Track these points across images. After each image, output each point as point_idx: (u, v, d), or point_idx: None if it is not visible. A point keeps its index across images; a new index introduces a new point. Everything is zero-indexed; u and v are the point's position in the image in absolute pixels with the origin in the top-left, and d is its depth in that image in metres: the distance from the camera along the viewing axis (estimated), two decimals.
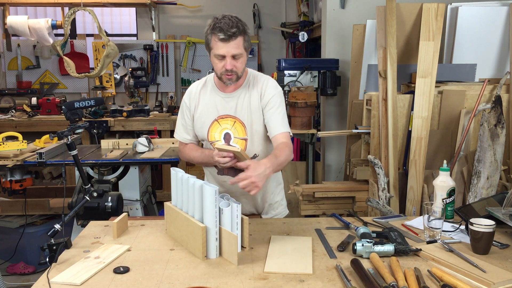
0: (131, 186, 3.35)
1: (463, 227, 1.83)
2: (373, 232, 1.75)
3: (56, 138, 3.42)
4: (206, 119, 2.06)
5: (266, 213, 2.20)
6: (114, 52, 3.98)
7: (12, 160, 3.16)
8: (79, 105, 2.28)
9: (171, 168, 1.86)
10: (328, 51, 3.83)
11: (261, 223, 1.97)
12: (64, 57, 4.05)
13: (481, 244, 1.63)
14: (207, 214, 1.61)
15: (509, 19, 3.06)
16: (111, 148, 3.57)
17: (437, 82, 2.91)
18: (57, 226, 1.69)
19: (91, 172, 3.36)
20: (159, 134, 4.78)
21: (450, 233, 1.82)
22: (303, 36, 4.54)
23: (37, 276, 1.84)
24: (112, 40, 4.07)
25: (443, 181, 1.95)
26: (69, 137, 2.00)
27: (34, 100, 5.18)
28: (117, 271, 1.52)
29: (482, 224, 1.62)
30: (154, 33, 5.71)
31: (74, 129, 2.04)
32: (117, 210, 2.80)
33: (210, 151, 2.00)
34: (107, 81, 5.57)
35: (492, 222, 1.63)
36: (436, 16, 2.93)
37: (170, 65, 5.79)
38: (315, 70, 3.78)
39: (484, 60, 3.16)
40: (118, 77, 5.69)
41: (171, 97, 5.67)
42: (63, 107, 2.25)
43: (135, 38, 5.90)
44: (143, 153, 3.43)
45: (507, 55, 3.09)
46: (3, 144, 3.26)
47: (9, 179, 3.27)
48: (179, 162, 3.40)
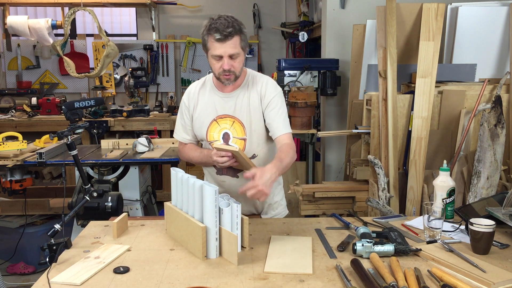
0: (131, 186, 3.35)
1: (463, 227, 1.83)
2: (373, 232, 1.75)
3: (56, 138, 3.42)
4: (205, 119, 2.06)
5: (266, 213, 2.20)
6: (114, 52, 3.98)
7: (12, 160, 3.16)
8: (79, 105, 2.28)
9: (171, 168, 1.86)
10: (328, 51, 3.83)
11: (261, 223, 1.97)
12: (64, 57, 4.05)
13: (481, 244, 1.63)
14: (207, 214, 1.61)
15: (509, 19, 3.06)
16: (111, 148, 3.57)
17: (437, 82, 2.91)
18: (57, 226, 1.69)
19: (91, 172, 3.36)
20: (159, 134, 4.78)
21: (450, 233, 1.82)
22: (303, 36, 4.54)
23: (37, 276, 1.84)
24: (112, 40, 4.07)
25: (443, 181, 1.95)
26: (69, 137, 2.00)
27: (34, 100, 5.18)
28: (117, 271, 1.52)
29: (482, 224, 1.62)
30: (154, 33, 5.71)
31: (74, 129, 2.04)
32: (117, 210, 2.80)
33: (209, 151, 2.00)
34: (107, 81, 5.57)
35: (492, 222, 1.63)
36: (436, 16, 2.93)
37: (170, 65, 5.79)
38: (315, 70, 3.78)
39: (484, 60, 3.16)
40: (118, 77, 5.68)
41: (171, 97, 5.67)
42: (63, 107, 2.25)
43: (135, 38, 5.90)
44: (143, 153, 3.43)
45: (507, 55, 3.09)
46: (3, 144, 3.26)
47: (9, 179, 3.27)
48: (179, 162, 3.40)
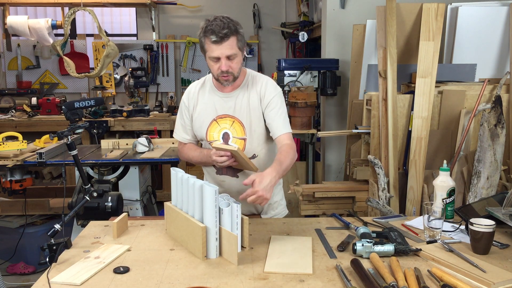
0: (131, 186, 3.35)
1: (463, 227, 1.83)
2: (373, 232, 1.75)
3: (56, 138, 3.42)
4: (205, 119, 2.06)
5: (266, 213, 2.20)
6: (114, 52, 3.98)
7: (12, 160, 3.16)
8: (79, 105, 2.27)
9: (171, 168, 1.86)
10: (328, 51, 3.83)
11: (261, 223, 1.97)
12: (64, 57, 4.05)
13: (481, 244, 1.63)
14: (207, 214, 1.61)
15: (509, 19, 3.06)
16: (111, 148, 3.57)
17: (437, 82, 2.91)
18: (57, 226, 1.69)
19: (91, 172, 3.36)
20: (159, 134, 4.79)
21: (450, 233, 1.82)
22: (303, 36, 4.54)
23: (37, 276, 1.84)
24: (112, 40, 4.07)
25: (443, 181, 1.95)
26: (69, 137, 2.00)
27: (34, 100, 5.18)
28: (117, 271, 1.52)
29: (482, 224, 1.62)
30: (154, 33, 5.71)
31: (74, 129, 2.04)
32: (117, 210, 2.80)
33: (209, 151, 2.00)
34: (107, 81, 5.57)
35: (492, 222, 1.63)
36: (436, 16, 2.93)
37: (170, 65, 5.79)
38: (315, 70, 3.78)
39: (484, 60, 3.16)
40: (118, 77, 5.68)
41: (171, 97, 5.67)
42: (63, 107, 2.25)
43: (135, 38, 5.90)
44: (143, 153, 3.43)
45: (507, 55, 3.09)
46: (3, 144, 3.26)
47: (9, 179, 3.27)
48: (179, 162, 3.40)
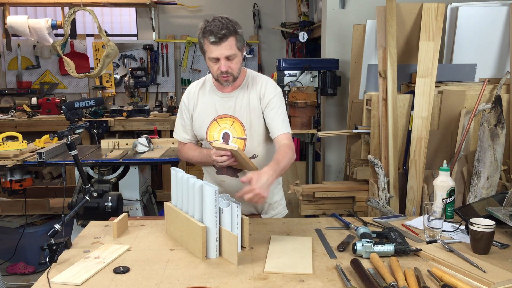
0: (131, 186, 3.35)
1: (463, 227, 1.83)
2: (373, 232, 1.75)
3: (56, 138, 3.42)
4: (205, 119, 2.06)
5: (266, 213, 2.20)
6: (114, 52, 3.98)
7: (12, 160, 3.16)
8: (79, 105, 2.27)
9: (171, 168, 1.86)
10: (328, 51, 3.82)
11: (261, 223, 1.97)
12: (64, 57, 4.05)
13: (481, 244, 1.63)
14: (207, 214, 1.61)
15: (509, 19, 3.06)
16: (111, 148, 3.57)
17: (437, 82, 2.91)
18: (57, 226, 1.69)
19: (91, 172, 3.36)
20: (159, 134, 4.79)
21: (450, 233, 1.82)
22: (303, 36, 4.54)
23: (37, 276, 1.84)
24: (112, 40, 4.07)
25: (443, 181, 1.95)
26: (69, 137, 2.00)
27: (34, 100, 5.18)
28: (117, 271, 1.52)
29: (482, 224, 1.62)
30: (154, 33, 5.71)
31: (74, 129, 2.04)
32: (117, 210, 2.80)
33: (209, 151, 2.00)
34: (107, 81, 5.57)
35: (492, 222, 1.63)
36: (436, 16, 2.93)
37: (170, 65, 5.79)
38: (315, 70, 3.78)
39: (484, 60, 3.15)
40: (118, 77, 5.68)
41: (171, 97, 5.67)
42: (63, 107, 2.25)
43: (135, 38, 5.90)
44: (143, 153, 3.43)
45: (507, 55, 3.09)
46: (3, 144, 3.26)
47: (9, 179, 3.27)
48: (179, 162, 3.40)
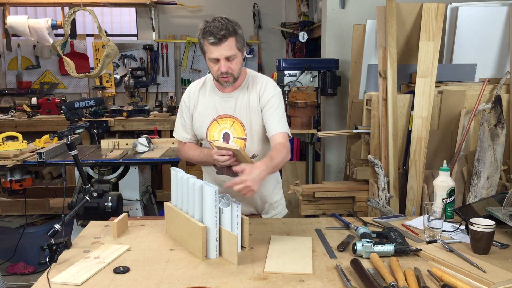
0: (131, 186, 3.35)
1: (463, 227, 1.83)
2: (373, 232, 1.75)
3: (56, 138, 3.42)
4: (205, 119, 2.06)
5: (267, 213, 2.20)
6: (114, 52, 3.98)
7: (12, 160, 3.16)
8: (79, 105, 2.28)
9: (171, 168, 1.86)
10: (328, 51, 3.82)
11: (261, 223, 1.97)
12: (64, 57, 4.05)
13: (481, 244, 1.63)
14: (207, 214, 1.61)
15: (509, 19, 3.06)
16: (111, 148, 3.57)
17: (437, 82, 2.91)
18: (57, 226, 1.69)
19: (91, 172, 3.36)
20: (159, 134, 4.79)
21: (450, 233, 1.82)
22: (303, 36, 4.54)
23: (37, 276, 1.84)
24: (112, 40, 4.07)
25: (443, 181, 1.95)
26: (69, 137, 2.00)
27: (34, 100, 5.18)
28: (117, 271, 1.52)
29: (482, 224, 1.62)
30: (154, 33, 5.71)
31: (74, 129, 2.04)
32: (117, 210, 2.80)
33: (210, 150, 2.00)
34: (107, 81, 5.57)
35: (492, 222, 1.63)
36: (436, 16, 2.93)
37: (170, 65, 5.79)
38: (315, 70, 3.77)
39: (484, 60, 3.15)
40: (118, 77, 5.68)
41: (171, 97, 5.67)
42: (63, 107, 2.25)
43: (135, 38, 5.90)
44: (143, 153, 3.43)
45: (507, 55, 3.09)
46: (3, 144, 3.26)
47: (9, 179, 3.27)
48: (179, 162, 3.40)
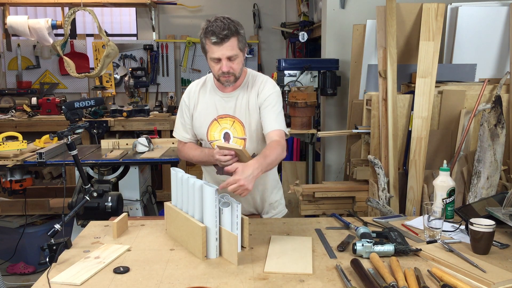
0: (131, 186, 3.35)
1: (463, 227, 1.83)
2: (373, 232, 1.75)
3: (56, 138, 3.42)
4: (206, 119, 2.06)
5: (267, 213, 2.20)
6: (114, 52, 3.98)
7: (12, 160, 3.16)
8: (79, 105, 2.28)
9: (171, 168, 1.86)
10: (328, 51, 3.82)
11: (261, 223, 1.97)
12: (64, 57, 4.05)
13: (481, 244, 1.63)
14: (207, 214, 1.61)
15: (509, 19, 3.06)
16: (111, 148, 3.57)
17: (437, 82, 2.91)
18: (57, 226, 1.69)
19: (91, 172, 3.36)
20: (159, 134, 4.79)
21: (450, 233, 1.82)
22: (303, 36, 4.54)
23: (37, 276, 1.84)
24: (112, 40, 4.07)
25: (443, 181, 1.95)
26: (69, 137, 2.00)
27: (34, 100, 5.18)
28: (117, 271, 1.52)
29: (482, 224, 1.62)
30: (154, 33, 5.71)
31: (74, 129, 2.04)
32: (117, 210, 2.80)
33: (210, 150, 2.00)
34: (107, 81, 5.57)
35: (492, 222, 1.63)
36: (436, 16, 2.93)
37: (170, 65, 5.79)
38: (315, 70, 3.77)
39: (484, 60, 3.15)
40: (118, 77, 5.68)
41: (171, 97, 5.67)
42: (63, 107, 2.25)
43: (135, 38, 5.90)
44: (143, 153, 3.43)
45: (507, 55, 3.09)
46: (3, 144, 3.26)
47: (9, 179, 3.27)
48: (179, 162, 3.40)
